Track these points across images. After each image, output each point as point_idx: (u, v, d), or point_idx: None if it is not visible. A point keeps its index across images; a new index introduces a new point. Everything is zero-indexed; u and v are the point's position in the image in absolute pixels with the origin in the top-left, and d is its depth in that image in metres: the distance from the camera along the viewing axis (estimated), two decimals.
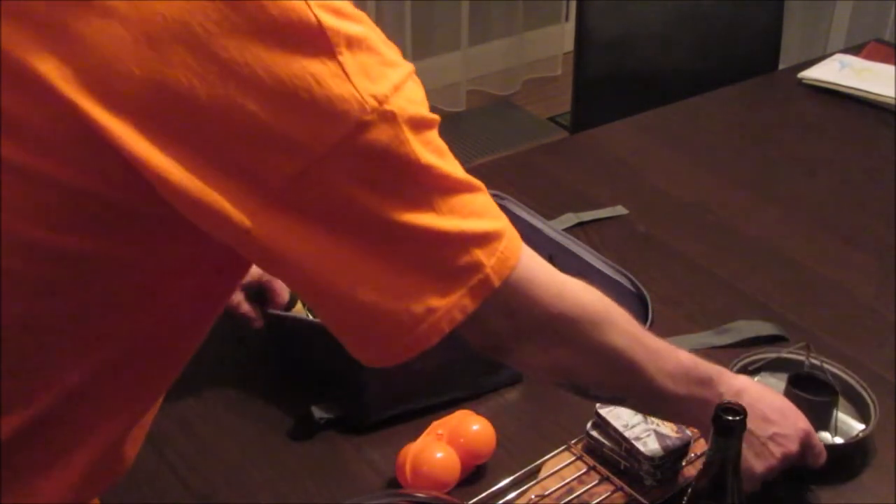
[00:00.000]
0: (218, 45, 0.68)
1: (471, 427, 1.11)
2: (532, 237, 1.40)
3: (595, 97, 2.14)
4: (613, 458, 1.10)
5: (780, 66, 2.23)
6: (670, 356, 0.95)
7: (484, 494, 1.09)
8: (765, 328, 1.33)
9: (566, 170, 1.74)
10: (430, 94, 0.80)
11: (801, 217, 1.61)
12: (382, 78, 0.74)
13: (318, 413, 1.17)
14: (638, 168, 1.75)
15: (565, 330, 0.88)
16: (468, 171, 0.86)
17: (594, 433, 1.12)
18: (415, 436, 1.11)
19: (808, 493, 1.11)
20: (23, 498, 0.82)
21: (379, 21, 3.47)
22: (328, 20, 0.70)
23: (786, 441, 1.00)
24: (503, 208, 1.50)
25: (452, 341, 1.09)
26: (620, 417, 1.10)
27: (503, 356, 0.90)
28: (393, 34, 3.71)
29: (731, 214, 1.61)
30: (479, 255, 0.81)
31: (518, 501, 1.08)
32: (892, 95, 1.91)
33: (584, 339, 0.89)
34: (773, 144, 1.85)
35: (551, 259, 1.34)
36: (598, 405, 1.12)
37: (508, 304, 0.84)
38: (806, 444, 1.02)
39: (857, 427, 1.16)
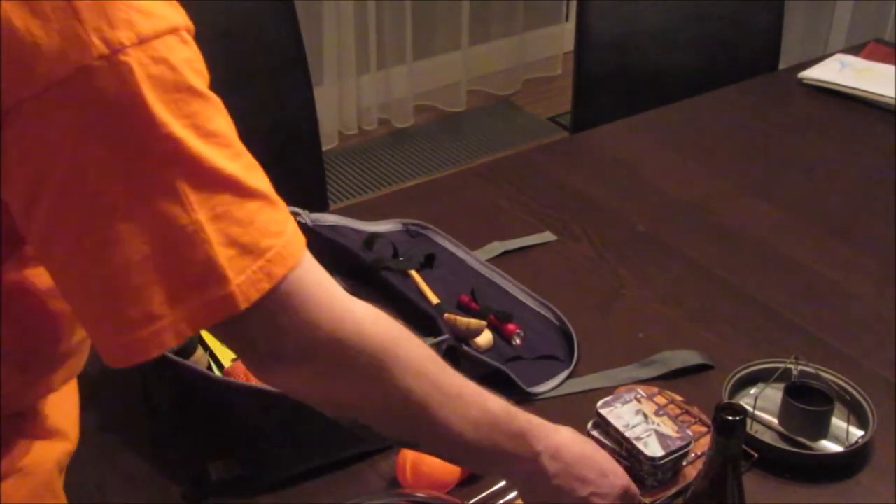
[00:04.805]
0: None
1: None
2: (455, 268, 1.40)
3: (595, 97, 2.14)
4: (614, 457, 1.10)
5: (780, 66, 2.23)
6: (476, 403, 0.87)
7: (484, 494, 1.09)
8: (691, 357, 1.28)
9: (566, 170, 1.74)
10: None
11: (800, 217, 1.61)
12: (127, 25, 0.66)
13: (214, 472, 1.09)
14: (638, 168, 1.75)
15: (341, 360, 0.80)
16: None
17: (595, 433, 1.12)
18: None
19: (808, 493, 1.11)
20: None
21: (379, 21, 3.47)
22: None
23: (602, 501, 0.95)
24: (425, 238, 1.40)
25: None
26: (621, 417, 1.10)
27: (265, 376, 0.82)
28: (393, 34, 3.72)
29: (731, 214, 1.61)
30: (226, 268, 0.71)
31: (518, 501, 1.08)
32: (892, 95, 1.91)
33: (364, 374, 0.81)
34: (774, 144, 1.85)
35: (473, 292, 1.33)
36: (598, 404, 1.12)
37: (271, 322, 0.76)
38: (626, 497, 0.98)
39: (857, 434, 1.16)
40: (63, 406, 0.93)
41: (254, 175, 0.74)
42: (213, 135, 0.71)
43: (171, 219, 0.69)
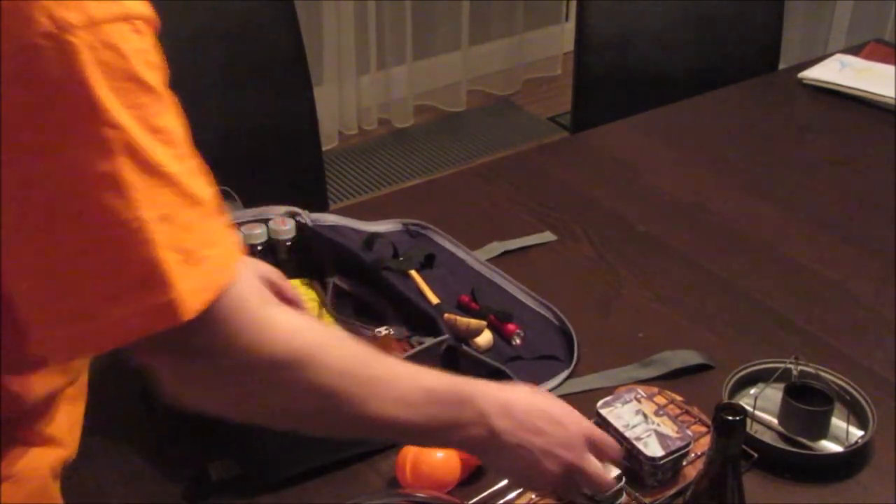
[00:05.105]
0: None
1: None
2: (455, 268, 1.40)
3: (595, 97, 2.14)
4: None
5: (780, 66, 2.23)
6: (411, 384, 0.87)
7: (484, 494, 1.09)
8: (691, 357, 1.28)
9: (566, 170, 1.73)
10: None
11: (801, 217, 1.61)
12: (77, 6, 0.63)
13: (214, 472, 1.09)
14: (638, 168, 1.75)
15: (268, 376, 0.79)
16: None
17: None
18: None
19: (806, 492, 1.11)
20: None
21: (379, 21, 3.47)
22: None
23: (564, 450, 0.94)
24: (425, 238, 1.38)
25: None
26: (621, 417, 1.10)
27: (186, 393, 0.78)
28: (393, 34, 3.72)
29: (731, 214, 1.61)
30: (169, 272, 0.68)
31: (518, 501, 1.08)
32: (892, 95, 1.91)
33: (290, 387, 0.80)
34: (773, 144, 1.85)
35: (473, 292, 1.33)
36: (598, 404, 1.12)
37: (205, 336, 0.73)
38: (592, 446, 0.97)
39: (856, 434, 1.16)
40: (62, 413, 0.92)
41: (198, 181, 0.72)
42: (159, 131, 0.68)
43: (113, 212, 0.67)
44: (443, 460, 1.07)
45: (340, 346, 0.85)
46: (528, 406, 0.94)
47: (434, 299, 1.28)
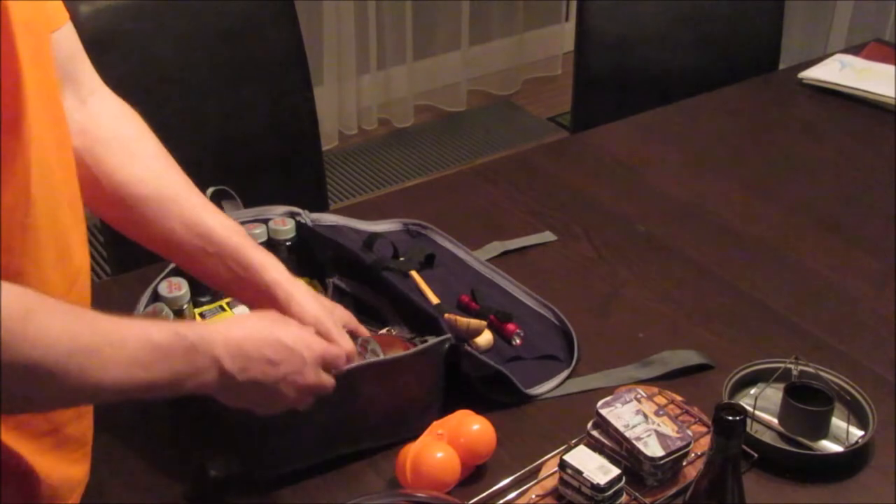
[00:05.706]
0: None
1: (471, 427, 1.11)
2: (455, 268, 1.40)
3: (595, 97, 2.14)
4: (614, 457, 1.10)
5: (780, 66, 2.23)
6: (136, 343, 0.86)
7: (484, 494, 1.09)
8: (691, 357, 1.28)
9: (566, 170, 1.74)
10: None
11: (801, 217, 1.61)
12: None
13: (212, 470, 1.08)
14: (638, 168, 1.75)
15: None
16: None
17: (595, 433, 1.12)
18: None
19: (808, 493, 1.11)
20: None
21: (379, 21, 3.47)
22: None
23: (298, 376, 0.98)
24: (425, 238, 1.37)
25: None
26: (621, 417, 1.10)
27: None
28: (393, 34, 3.72)
29: (731, 214, 1.61)
30: None
31: (518, 501, 1.08)
32: (892, 95, 1.91)
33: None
34: (774, 144, 1.85)
35: (473, 292, 1.33)
36: (598, 404, 1.12)
37: None
38: (325, 363, 1.01)
39: (856, 434, 1.16)
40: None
41: None
42: None
43: None
44: (443, 460, 1.07)
45: (51, 314, 0.81)
46: (259, 340, 0.96)
47: (434, 299, 1.28)
